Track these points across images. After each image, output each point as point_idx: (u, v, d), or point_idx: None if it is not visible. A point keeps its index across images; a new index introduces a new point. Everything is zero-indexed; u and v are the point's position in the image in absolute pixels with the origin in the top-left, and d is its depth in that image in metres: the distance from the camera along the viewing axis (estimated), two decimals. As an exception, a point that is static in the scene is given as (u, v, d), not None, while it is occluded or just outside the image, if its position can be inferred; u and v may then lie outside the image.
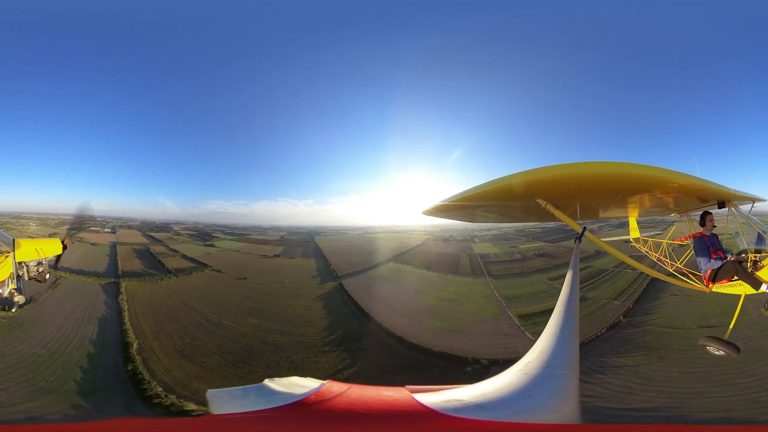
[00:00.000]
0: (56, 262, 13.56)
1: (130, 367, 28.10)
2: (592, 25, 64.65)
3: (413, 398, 3.64)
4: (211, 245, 64.99)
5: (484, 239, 61.35)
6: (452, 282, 45.46)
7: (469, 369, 26.14)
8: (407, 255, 55.99)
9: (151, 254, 56.56)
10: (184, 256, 56.62)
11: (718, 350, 11.08)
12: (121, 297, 39.26)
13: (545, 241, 56.25)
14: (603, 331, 23.95)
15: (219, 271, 51.65)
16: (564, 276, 6.12)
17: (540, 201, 7.14)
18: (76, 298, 37.25)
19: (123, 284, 42.27)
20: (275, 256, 61.38)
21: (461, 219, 10.43)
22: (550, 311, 5.27)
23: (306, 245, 66.92)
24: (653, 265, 14.84)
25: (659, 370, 20.29)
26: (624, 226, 18.74)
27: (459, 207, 8.06)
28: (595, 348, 22.68)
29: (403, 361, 28.43)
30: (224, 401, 3.84)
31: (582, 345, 20.74)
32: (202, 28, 66.65)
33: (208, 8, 61.92)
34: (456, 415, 3.36)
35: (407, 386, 3.87)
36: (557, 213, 7.16)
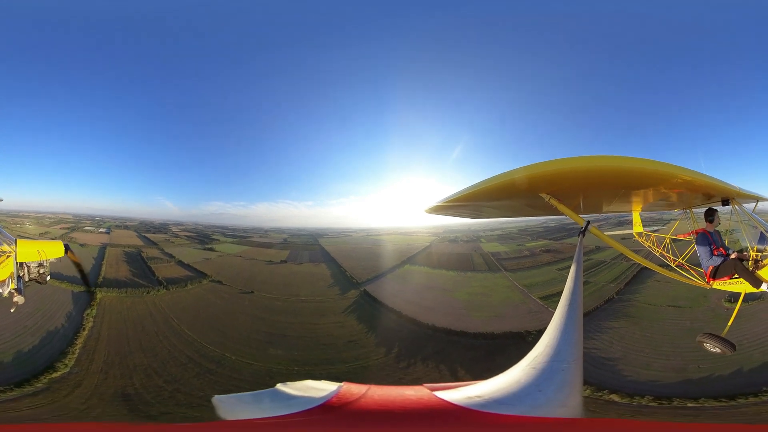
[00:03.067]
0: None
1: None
2: (596, 22, 63.89)
3: (435, 396, 3.63)
4: (211, 249, 59.05)
5: (490, 239, 61.31)
6: (473, 278, 45.45)
7: (530, 339, 28.12)
8: (420, 256, 54.44)
9: (142, 259, 49.69)
10: (180, 263, 49.73)
11: (714, 347, 10.86)
12: (88, 311, 32.55)
13: (549, 239, 57.16)
14: (601, 304, 31.42)
15: (220, 282, 43.67)
16: (566, 268, 6.04)
17: (543, 195, 6.93)
18: (39, 303, 31.05)
19: (98, 295, 35.35)
20: (282, 262, 55.52)
21: (464, 216, 10.23)
22: (557, 296, 5.28)
23: (312, 249, 62.48)
24: (650, 257, 14.66)
25: (630, 332, 26.89)
26: (623, 224, 19.02)
27: (462, 203, 7.82)
28: (596, 316, 29.71)
29: (484, 350, 28.94)
30: (234, 407, 3.68)
31: (588, 313, 28.27)
32: (204, 30, 66.47)
33: (210, 9, 61.65)
34: (481, 410, 3.38)
35: (425, 384, 3.86)
36: (561, 207, 7.05)
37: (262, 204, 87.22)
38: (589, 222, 7.31)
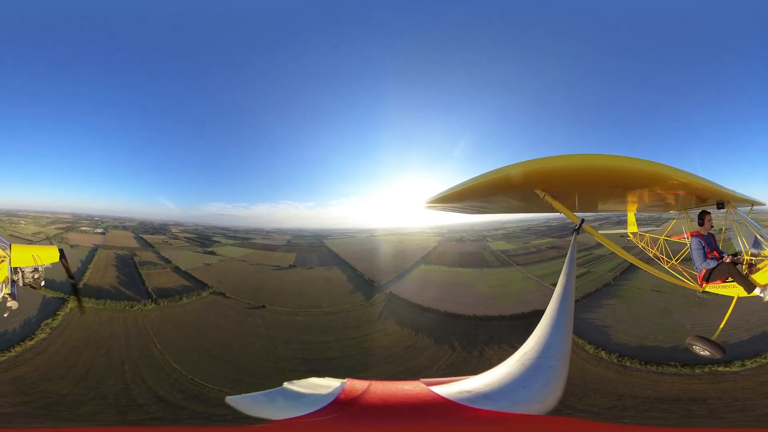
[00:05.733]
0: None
1: None
2: (593, 19, 63.00)
3: (431, 390, 3.70)
4: (212, 252, 53.38)
5: (496, 238, 60.88)
6: (490, 273, 45.85)
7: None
8: (431, 256, 53.20)
9: (134, 264, 43.46)
10: (177, 269, 43.50)
11: (704, 350, 10.74)
12: (49, 320, 27.41)
13: (553, 237, 57.75)
14: (600, 287, 36.04)
15: (223, 294, 37.04)
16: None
17: (538, 192, 6.84)
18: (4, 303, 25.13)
19: (69, 304, 29.56)
20: (290, 266, 50.17)
21: (463, 211, 10.10)
22: None
23: (319, 251, 58.52)
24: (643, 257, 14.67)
25: (620, 308, 31.87)
26: (623, 223, 19.14)
27: (458, 198, 7.74)
28: (596, 296, 34.60)
29: (523, 327, 29.90)
30: (251, 407, 3.70)
31: (589, 294, 34.39)
32: (204, 28, 65.85)
33: (210, 8, 61.14)
34: (469, 405, 3.45)
35: (422, 379, 3.93)
36: (556, 204, 7.01)
37: (262, 205, 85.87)
38: (583, 220, 7.27)
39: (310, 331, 30.75)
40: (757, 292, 9.53)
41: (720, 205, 10.08)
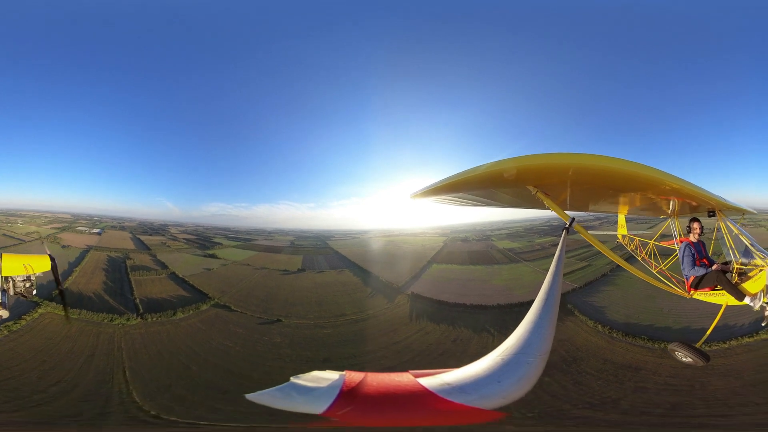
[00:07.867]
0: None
1: None
2: (592, 19, 62.45)
3: (418, 382, 3.79)
4: (213, 256, 49.87)
5: (500, 237, 62.36)
6: (501, 269, 47.97)
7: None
8: (440, 256, 53.69)
9: (125, 269, 39.08)
10: (173, 276, 39.00)
11: (686, 357, 10.68)
12: (11, 323, 24.41)
13: (555, 236, 58.21)
14: (599, 277, 39.60)
15: (227, 307, 32.21)
16: (575, 256, 6.01)
17: (531, 188, 6.87)
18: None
19: (39, 310, 26.00)
20: (299, 270, 46.65)
21: (450, 203, 9.97)
22: (573, 272, 5.37)
23: (325, 253, 56.10)
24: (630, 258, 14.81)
25: (614, 293, 35.92)
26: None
27: (449, 190, 7.70)
28: (595, 283, 38.33)
29: None
30: (271, 402, 3.68)
31: (590, 282, 38.36)
32: (205, 30, 65.13)
33: (210, 7, 60.38)
34: (445, 397, 3.55)
35: (410, 371, 4.03)
36: (547, 201, 7.09)
37: (263, 205, 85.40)
38: (573, 219, 7.25)
39: (347, 343, 27.85)
40: (746, 301, 9.49)
41: (711, 213, 10.04)
